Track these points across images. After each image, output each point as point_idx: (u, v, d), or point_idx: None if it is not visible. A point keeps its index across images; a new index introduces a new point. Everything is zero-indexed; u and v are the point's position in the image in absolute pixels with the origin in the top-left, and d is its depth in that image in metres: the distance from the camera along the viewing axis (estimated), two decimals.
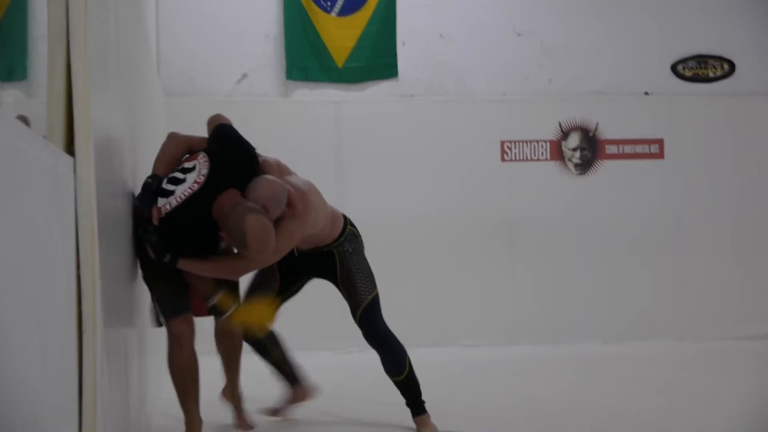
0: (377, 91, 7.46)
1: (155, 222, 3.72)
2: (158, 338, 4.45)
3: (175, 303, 3.92)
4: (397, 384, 4.36)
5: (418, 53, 7.50)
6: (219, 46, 7.29)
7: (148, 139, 4.70)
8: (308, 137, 7.22)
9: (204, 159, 3.83)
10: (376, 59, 7.42)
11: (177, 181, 3.78)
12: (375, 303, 4.34)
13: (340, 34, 7.38)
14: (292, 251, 4.23)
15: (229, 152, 3.88)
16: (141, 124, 4.33)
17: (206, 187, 3.73)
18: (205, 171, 3.77)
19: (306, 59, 7.34)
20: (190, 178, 3.77)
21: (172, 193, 3.75)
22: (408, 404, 4.39)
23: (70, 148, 2.44)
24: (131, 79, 4.08)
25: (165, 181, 3.81)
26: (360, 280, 4.33)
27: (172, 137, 4.01)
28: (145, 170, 3.93)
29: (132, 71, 4.13)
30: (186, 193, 3.73)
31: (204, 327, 4.18)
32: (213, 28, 7.31)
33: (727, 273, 7.58)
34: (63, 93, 2.43)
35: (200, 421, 4.03)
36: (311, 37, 7.32)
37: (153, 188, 3.78)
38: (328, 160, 7.23)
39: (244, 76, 7.31)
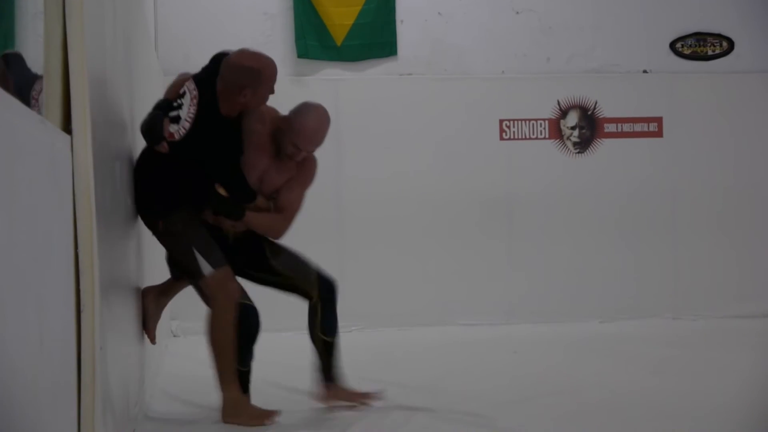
0: (375, 69, 7.42)
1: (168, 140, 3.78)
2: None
3: (218, 255, 3.85)
4: (331, 345, 4.18)
5: (416, 31, 7.46)
6: (217, 25, 7.24)
7: None
8: None
9: (189, 81, 3.93)
10: (376, 37, 7.37)
11: (179, 106, 3.83)
12: None
13: (339, 11, 7.32)
14: (227, 240, 4.03)
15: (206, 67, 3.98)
16: (138, 103, 4.32)
17: (203, 97, 3.80)
18: (192, 86, 3.85)
19: (307, 38, 7.30)
20: (186, 100, 3.82)
21: (178, 119, 3.79)
22: (327, 368, 4.18)
23: (67, 126, 2.44)
24: (129, 58, 4.06)
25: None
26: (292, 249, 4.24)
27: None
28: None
29: (129, 49, 4.11)
30: (191, 113, 3.78)
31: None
32: (211, 7, 7.27)
33: (726, 251, 7.57)
34: (60, 71, 2.42)
35: (243, 396, 3.87)
36: (311, 15, 7.28)
37: (163, 108, 3.86)
38: (326, 139, 7.19)
39: None
